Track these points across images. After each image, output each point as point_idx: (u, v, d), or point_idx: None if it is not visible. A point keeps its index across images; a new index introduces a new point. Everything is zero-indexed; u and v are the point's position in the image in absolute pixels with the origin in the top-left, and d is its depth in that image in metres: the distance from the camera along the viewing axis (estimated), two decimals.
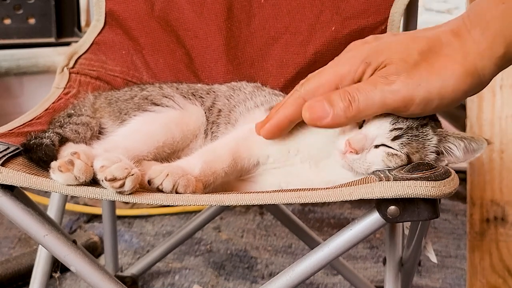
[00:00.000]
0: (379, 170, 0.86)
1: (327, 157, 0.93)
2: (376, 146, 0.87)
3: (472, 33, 0.79)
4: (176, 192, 0.85)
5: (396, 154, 0.86)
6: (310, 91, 0.85)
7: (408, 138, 0.86)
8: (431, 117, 0.89)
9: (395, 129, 0.86)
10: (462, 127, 1.72)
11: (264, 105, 1.08)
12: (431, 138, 0.88)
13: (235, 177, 0.98)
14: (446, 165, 0.89)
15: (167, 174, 0.84)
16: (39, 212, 0.93)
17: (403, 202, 0.79)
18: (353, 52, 0.85)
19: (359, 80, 0.83)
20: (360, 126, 0.89)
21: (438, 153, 0.89)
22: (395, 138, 0.86)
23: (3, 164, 0.85)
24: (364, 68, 0.82)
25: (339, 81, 0.83)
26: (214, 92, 1.13)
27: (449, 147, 0.88)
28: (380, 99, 0.80)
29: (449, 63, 0.79)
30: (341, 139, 0.89)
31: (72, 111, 1.07)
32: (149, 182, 0.85)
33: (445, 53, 0.80)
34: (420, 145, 0.87)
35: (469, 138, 0.87)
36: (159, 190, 0.85)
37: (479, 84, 0.81)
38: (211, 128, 1.06)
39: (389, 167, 0.87)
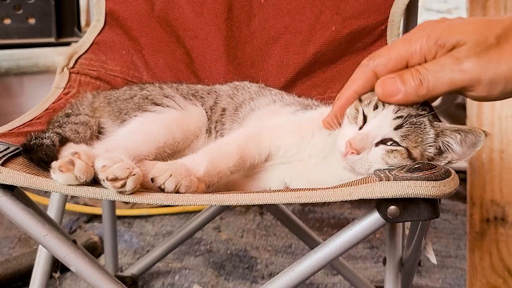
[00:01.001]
0: (379, 170, 0.86)
1: (334, 153, 0.93)
2: (377, 145, 0.88)
3: None
4: (177, 192, 0.85)
5: (396, 150, 0.87)
6: (381, 65, 0.87)
7: (408, 128, 0.87)
8: (429, 111, 0.90)
9: (397, 117, 0.87)
10: None
11: (277, 102, 1.08)
12: (429, 131, 0.89)
13: (240, 175, 0.98)
14: (449, 162, 0.89)
15: (171, 175, 0.85)
16: (39, 212, 0.93)
17: (403, 202, 0.79)
18: (426, 30, 0.86)
19: (429, 59, 0.85)
20: (360, 128, 0.89)
21: (438, 149, 0.89)
22: (397, 128, 0.87)
23: (3, 164, 0.85)
24: (437, 48, 0.84)
25: (410, 58, 0.85)
26: (215, 92, 1.14)
27: (447, 141, 0.88)
28: (449, 78, 0.82)
29: None
30: (341, 140, 0.89)
31: (70, 111, 1.07)
32: (152, 180, 0.85)
33: None
34: (419, 138, 0.88)
35: (466, 130, 0.87)
36: (160, 189, 0.85)
37: None
38: (215, 127, 1.07)
39: (389, 164, 0.87)
